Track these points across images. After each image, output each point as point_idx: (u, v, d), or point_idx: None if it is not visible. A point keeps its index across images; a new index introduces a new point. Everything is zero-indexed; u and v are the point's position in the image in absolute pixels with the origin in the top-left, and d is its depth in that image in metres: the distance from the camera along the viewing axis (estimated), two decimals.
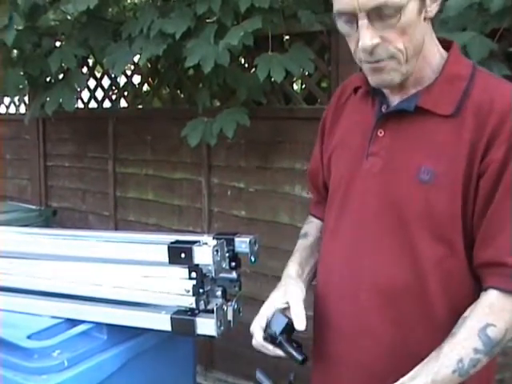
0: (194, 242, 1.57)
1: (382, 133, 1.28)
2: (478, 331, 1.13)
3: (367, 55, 1.18)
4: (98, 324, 1.70)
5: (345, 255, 1.33)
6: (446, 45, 1.29)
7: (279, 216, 2.87)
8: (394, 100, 1.29)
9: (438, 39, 1.28)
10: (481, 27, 1.97)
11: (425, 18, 1.18)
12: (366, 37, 1.15)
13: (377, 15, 1.12)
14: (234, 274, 1.75)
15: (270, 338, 1.32)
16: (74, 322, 1.71)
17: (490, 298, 1.16)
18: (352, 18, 1.15)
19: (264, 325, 1.33)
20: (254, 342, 1.35)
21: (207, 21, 2.51)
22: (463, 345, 1.14)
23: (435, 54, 1.26)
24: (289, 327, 1.31)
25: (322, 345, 1.43)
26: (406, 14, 1.12)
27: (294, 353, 1.29)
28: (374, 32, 1.14)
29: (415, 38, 1.17)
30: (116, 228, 3.58)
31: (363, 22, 1.14)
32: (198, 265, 1.55)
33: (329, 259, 1.39)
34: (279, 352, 1.31)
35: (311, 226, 1.57)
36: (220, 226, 3.07)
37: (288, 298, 1.35)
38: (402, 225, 1.23)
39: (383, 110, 1.30)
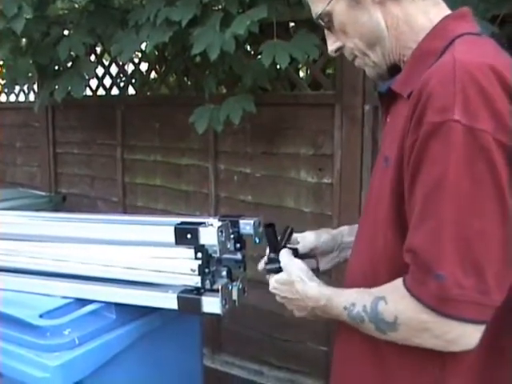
0: (199, 224, 1.61)
1: (388, 119, 1.24)
2: (373, 297, 1.11)
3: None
4: (107, 304, 1.74)
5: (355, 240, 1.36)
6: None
7: (285, 201, 2.92)
8: None
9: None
10: (482, 13, 2.00)
11: (380, 2, 1.13)
12: (328, 44, 1.26)
13: (323, 24, 1.21)
14: (238, 255, 1.79)
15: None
16: (83, 302, 1.75)
17: (400, 284, 1.07)
18: None
19: None
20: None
21: (213, 8, 2.54)
22: (363, 296, 1.13)
23: (428, 29, 1.13)
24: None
25: None
26: (335, 16, 1.18)
27: None
28: (335, 37, 1.23)
29: (357, 31, 1.17)
30: (125, 213, 3.61)
31: (325, 30, 1.24)
32: (203, 245, 1.59)
33: None
34: None
35: None
36: (227, 211, 3.11)
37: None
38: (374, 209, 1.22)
39: None
